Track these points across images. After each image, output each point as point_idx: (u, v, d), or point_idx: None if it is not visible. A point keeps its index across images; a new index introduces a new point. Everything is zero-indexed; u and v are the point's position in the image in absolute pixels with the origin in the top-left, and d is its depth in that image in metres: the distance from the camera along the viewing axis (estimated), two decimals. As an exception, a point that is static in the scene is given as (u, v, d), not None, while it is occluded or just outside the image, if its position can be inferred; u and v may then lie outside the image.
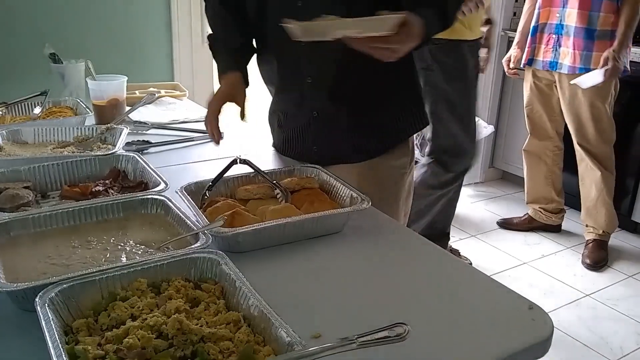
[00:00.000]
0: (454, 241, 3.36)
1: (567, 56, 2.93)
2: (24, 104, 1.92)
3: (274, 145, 1.65)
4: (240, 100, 1.44)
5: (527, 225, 3.53)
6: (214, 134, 1.42)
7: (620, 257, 3.27)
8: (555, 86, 3.10)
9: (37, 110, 1.88)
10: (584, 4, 2.83)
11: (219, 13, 1.52)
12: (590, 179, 3.15)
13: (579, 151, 3.14)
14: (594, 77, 2.84)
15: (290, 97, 1.51)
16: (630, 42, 2.84)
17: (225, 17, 1.51)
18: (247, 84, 1.47)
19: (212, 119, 1.42)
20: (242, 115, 1.46)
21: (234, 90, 1.44)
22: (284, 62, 1.48)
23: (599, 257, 3.18)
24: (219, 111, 1.43)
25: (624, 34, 2.78)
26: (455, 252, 3.07)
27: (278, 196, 1.26)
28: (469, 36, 2.58)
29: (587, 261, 3.17)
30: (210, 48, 1.53)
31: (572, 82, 2.92)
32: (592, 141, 3.08)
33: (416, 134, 1.79)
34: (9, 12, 2.51)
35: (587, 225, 3.27)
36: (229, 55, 1.50)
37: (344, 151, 1.50)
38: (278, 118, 1.59)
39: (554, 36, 2.98)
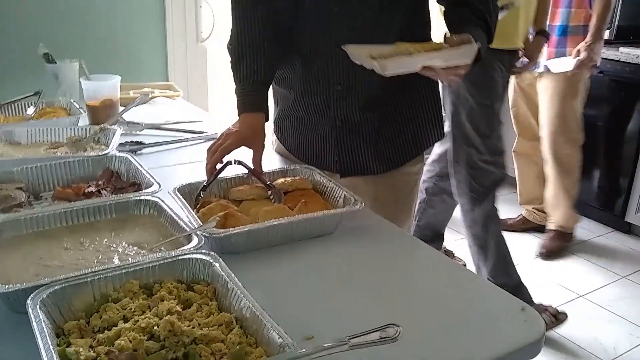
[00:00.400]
0: (448, 242, 3.36)
1: (543, 54, 2.92)
2: (17, 104, 1.91)
3: (288, 148, 1.59)
4: (258, 146, 1.32)
5: (522, 226, 3.54)
6: (212, 171, 1.29)
7: (615, 258, 3.28)
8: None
9: (31, 110, 1.87)
10: (555, 1, 2.85)
11: (257, 39, 1.36)
12: (551, 176, 3.19)
13: (544, 148, 3.17)
14: (565, 63, 2.86)
15: (313, 103, 1.45)
16: (603, 35, 2.85)
17: (263, 44, 1.37)
18: (267, 120, 1.37)
19: (217, 162, 1.30)
20: (259, 165, 1.32)
21: (254, 135, 1.33)
22: (311, 67, 1.41)
23: (554, 247, 3.24)
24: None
25: (596, 27, 2.78)
26: (450, 254, 3.06)
27: (271, 197, 1.26)
28: (502, 45, 2.41)
29: (542, 250, 3.24)
30: (235, 72, 1.38)
31: (544, 63, 2.92)
32: (556, 139, 3.10)
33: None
34: (2, 11, 2.50)
35: (550, 215, 3.31)
36: (260, 91, 1.37)
37: (365, 162, 1.47)
38: (292, 123, 1.54)
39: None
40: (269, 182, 1.28)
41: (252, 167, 1.30)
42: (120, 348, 0.75)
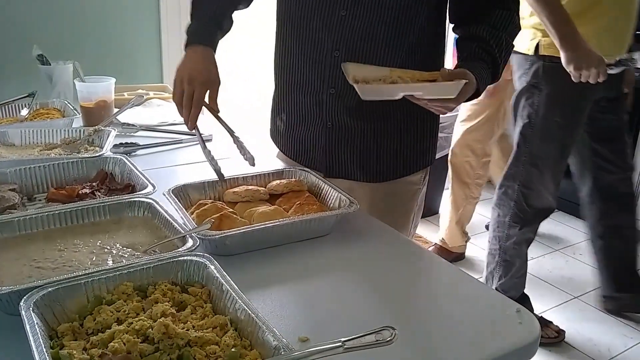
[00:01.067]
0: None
1: None
2: (12, 106, 1.90)
3: (280, 146, 1.60)
4: (216, 82, 1.31)
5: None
6: (192, 119, 1.28)
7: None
8: None
9: (25, 111, 1.86)
10: None
11: None
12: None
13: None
14: None
15: (307, 101, 1.45)
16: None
17: None
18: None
19: (197, 116, 1.28)
20: (215, 110, 1.31)
21: (211, 70, 1.31)
22: (309, 67, 1.40)
23: None
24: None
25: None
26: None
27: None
28: None
29: None
30: (194, 10, 1.40)
31: None
32: (455, 149, 3.12)
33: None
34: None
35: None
36: (214, 30, 1.38)
37: (349, 168, 1.45)
38: (284, 120, 1.54)
39: None
40: (232, 131, 1.29)
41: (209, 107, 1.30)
42: (114, 350, 0.74)
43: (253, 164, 1.27)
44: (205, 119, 1.37)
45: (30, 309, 0.79)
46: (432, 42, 1.38)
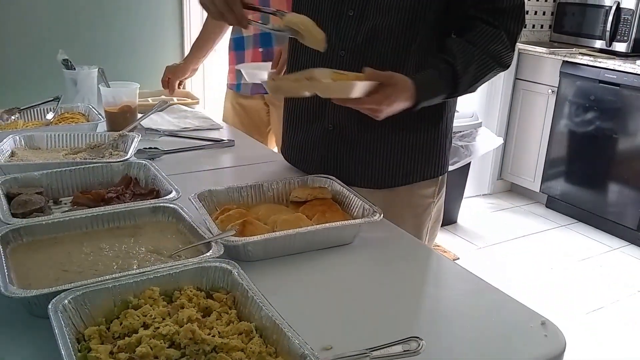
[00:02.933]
0: (462, 251, 3.35)
1: None
2: (37, 110, 1.93)
3: (282, 151, 1.61)
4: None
5: None
6: (240, 17, 1.26)
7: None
8: None
9: (50, 115, 1.89)
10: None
11: None
12: None
13: None
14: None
15: (309, 102, 1.45)
16: None
17: None
18: None
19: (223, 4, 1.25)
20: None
21: None
22: (314, 66, 1.35)
23: None
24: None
25: None
26: None
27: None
28: None
29: None
30: None
31: None
32: None
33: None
34: (23, 18, 2.52)
35: None
36: None
37: (349, 173, 1.44)
38: (287, 124, 1.55)
39: None
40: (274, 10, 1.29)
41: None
42: (141, 355, 0.75)
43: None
44: (225, 131, 1.38)
45: (58, 311, 0.80)
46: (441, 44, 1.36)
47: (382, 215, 1.18)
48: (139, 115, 1.88)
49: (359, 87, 1.16)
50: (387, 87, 1.18)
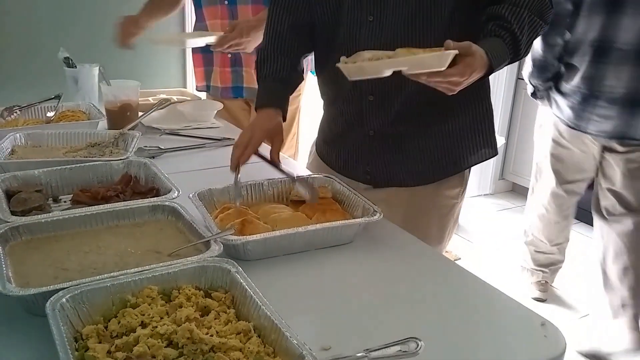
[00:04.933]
0: (463, 252, 3.35)
1: None
2: (38, 108, 1.93)
3: (324, 159, 1.60)
4: (278, 138, 1.35)
5: None
6: (236, 159, 1.30)
7: None
8: None
9: (50, 114, 1.88)
10: None
11: (284, 36, 1.43)
12: None
13: None
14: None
15: (347, 111, 1.46)
16: None
17: (290, 43, 1.43)
18: (284, 120, 1.40)
19: (249, 156, 1.31)
20: (278, 156, 1.34)
21: (275, 127, 1.35)
22: (344, 77, 1.36)
23: None
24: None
25: None
26: None
27: (299, 193, 1.27)
28: None
29: None
30: (258, 68, 1.45)
31: None
32: None
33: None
34: (25, 16, 2.53)
35: None
36: (279, 88, 1.41)
37: (397, 174, 1.44)
38: (324, 132, 1.57)
39: None
40: (295, 176, 1.29)
41: (269, 158, 1.31)
42: (138, 354, 0.74)
43: (316, 200, 1.26)
44: (225, 129, 1.37)
45: (56, 310, 0.80)
46: (466, 32, 1.31)
47: (382, 214, 1.18)
48: (140, 114, 1.88)
49: (449, 57, 1.11)
50: (467, 57, 1.15)
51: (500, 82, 3.99)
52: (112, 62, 2.15)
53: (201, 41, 1.65)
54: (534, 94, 2.56)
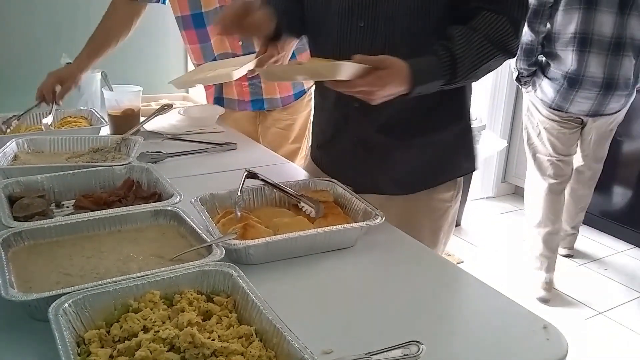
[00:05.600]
0: (466, 255, 3.34)
1: None
2: (40, 113, 1.92)
3: (317, 163, 1.60)
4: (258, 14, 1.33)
5: None
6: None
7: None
8: None
9: (49, 119, 1.85)
10: None
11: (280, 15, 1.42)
12: None
13: None
14: None
15: (333, 117, 1.47)
16: None
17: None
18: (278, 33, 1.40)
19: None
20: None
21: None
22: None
23: None
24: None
25: None
26: None
27: (305, 210, 1.25)
28: None
29: None
30: None
31: None
32: None
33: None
34: (26, 21, 2.53)
35: None
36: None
37: (383, 183, 1.44)
38: (316, 136, 1.58)
39: None
40: (302, 194, 1.28)
41: (265, 178, 1.29)
42: (140, 359, 0.75)
43: (321, 214, 1.25)
44: (227, 134, 1.37)
45: (59, 315, 0.80)
46: None
47: (383, 218, 1.18)
48: (142, 119, 1.89)
49: (347, 68, 1.14)
50: (379, 70, 1.16)
51: (502, 86, 3.99)
52: (114, 68, 2.15)
53: (243, 70, 1.59)
54: (518, 79, 2.89)
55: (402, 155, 1.42)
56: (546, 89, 2.75)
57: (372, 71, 1.16)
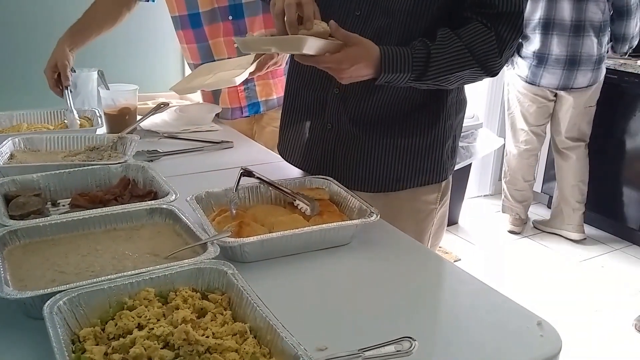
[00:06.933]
0: (463, 252, 3.35)
1: None
2: (40, 113, 1.92)
3: (279, 149, 1.60)
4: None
5: None
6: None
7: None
8: None
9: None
10: None
11: None
12: None
13: None
14: None
15: (309, 98, 1.45)
16: None
17: None
18: None
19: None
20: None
21: None
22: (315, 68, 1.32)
23: None
24: None
25: None
26: None
27: (301, 207, 1.25)
28: None
29: None
30: None
31: None
32: None
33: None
34: (23, 21, 2.53)
35: None
36: None
37: (346, 174, 1.42)
38: (285, 121, 1.56)
39: None
40: (298, 193, 1.28)
41: (261, 176, 1.29)
42: (135, 356, 0.75)
43: (317, 212, 1.25)
44: (223, 132, 1.37)
45: (53, 313, 0.80)
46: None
47: (379, 216, 1.18)
48: (139, 118, 1.89)
49: (312, 43, 1.14)
50: (348, 47, 1.17)
51: (499, 84, 3.99)
52: (110, 66, 2.15)
53: (246, 74, 1.58)
54: None
55: (371, 151, 1.41)
56: (521, 65, 3.35)
57: (342, 48, 1.16)
